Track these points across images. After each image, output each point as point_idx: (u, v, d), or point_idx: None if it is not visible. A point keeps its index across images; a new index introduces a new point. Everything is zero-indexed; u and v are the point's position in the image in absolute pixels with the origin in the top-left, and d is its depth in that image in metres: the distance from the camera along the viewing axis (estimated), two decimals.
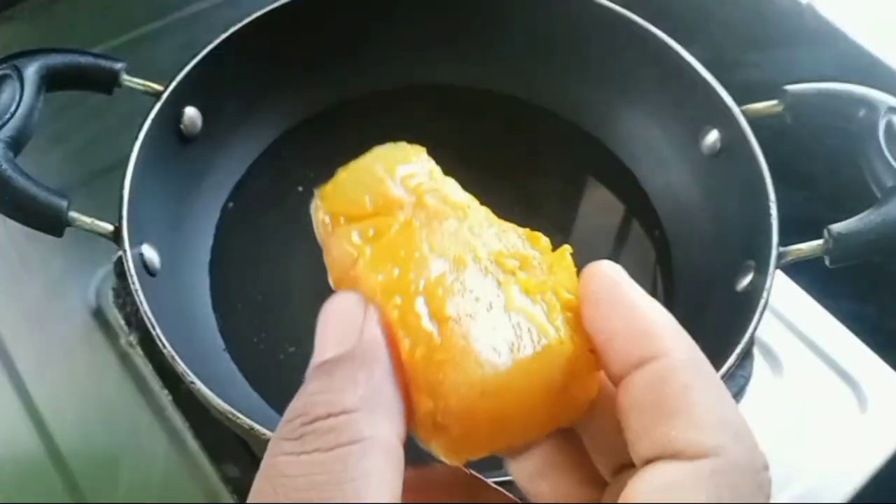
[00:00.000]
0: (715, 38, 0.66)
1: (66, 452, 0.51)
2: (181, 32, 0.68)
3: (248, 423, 0.41)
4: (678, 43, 0.53)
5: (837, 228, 0.45)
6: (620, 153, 0.59)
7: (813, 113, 0.49)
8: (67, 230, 0.45)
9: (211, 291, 0.53)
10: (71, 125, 0.62)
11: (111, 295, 0.57)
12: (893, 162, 0.46)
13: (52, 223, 0.44)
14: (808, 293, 0.59)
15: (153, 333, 0.43)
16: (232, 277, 0.54)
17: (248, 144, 0.58)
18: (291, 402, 0.21)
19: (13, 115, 0.45)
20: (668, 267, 0.56)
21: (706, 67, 0.52)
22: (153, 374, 0.54)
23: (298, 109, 0.59)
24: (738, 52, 0.67)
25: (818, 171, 0.63)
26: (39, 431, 0.52)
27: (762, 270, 0.46)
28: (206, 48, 0.51)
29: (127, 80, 0.49)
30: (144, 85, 0.50)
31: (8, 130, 0.44)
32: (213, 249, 0.55)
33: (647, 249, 0.57)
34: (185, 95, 0.51)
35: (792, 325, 0.58)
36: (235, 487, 0.51)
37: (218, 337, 0.52)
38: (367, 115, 0.59)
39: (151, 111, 0.49)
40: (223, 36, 0.52)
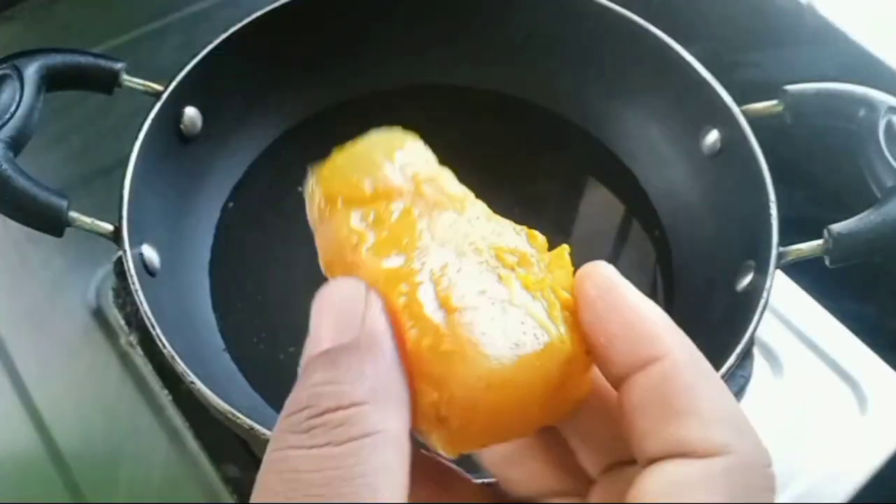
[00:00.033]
0: (715, 37, 0.66)
1: (66, 452, 0.51)
2: (181, 32, 0.68)
3: (248, 423, 0.41)
4: (678, 43, 0.53)
5: (837, 228, 0.45)
6: (620, 153, 0.59)
7: (813, 113, 0.49)
8: (67, 230, 0.45)
9: (211, 291, 0.53)
10: (71, 125, 0.62)
11: (111, 295, 0.57)
12: (893, 162, 0.46)
13: (52, 223, 0.44)
14: (808, 293, 0.59)
15: (153, 333, 0.43)
16: (232, 277, 0.54)
17: (248, 144, 0.58)
18: (293, 392, 0.20)
19: (13, 115, 0.45)
20: (668, 267, 0.56)
21: (706, 67, 0.52)
22: (153, 374, 0.54)
23: (298, 109, 0.59)
24: (738, 52, 0.67)
25: (818, 171, 0.63)
26: (39, 431, 0.52)
27: (762, 270, 0.46)
28: (206, 48, 0.51)
29: (127, 80, 0.49)
30: (144, 85, 0.50)
31: (8, 130, 0.44)
32: (213, 249, 0.55)
33: (647, 249, 0.57)
34: (185, 95, 0.51)
35: (792, 325, 0.58)
36: (235, 487, 0.51)
37: (218, 337, 0.52)
38: (367, 115, 0.59)
39: (151, 111, 0.49)
40: (223, 36, 0.52)
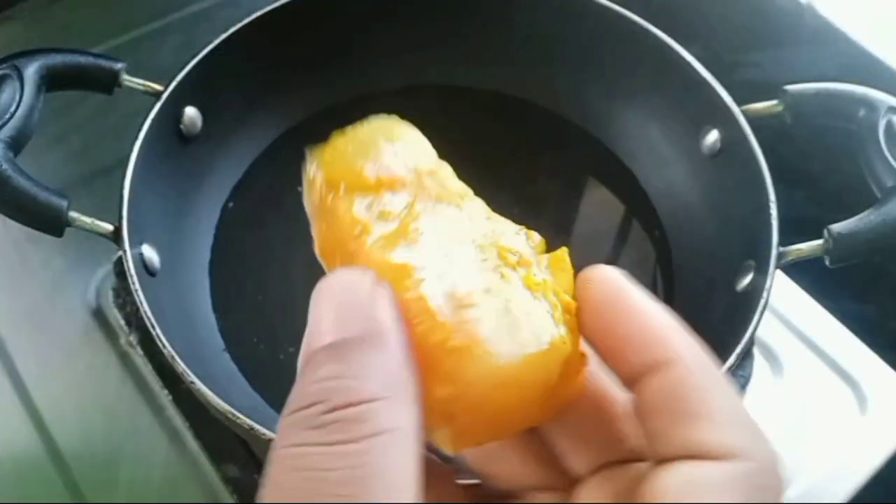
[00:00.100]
0: (715, 37, 0.66)
1: (66, 452, 0.51)
2: (181, 32, 0.68)
3: (248, 423, 0.41)
4: (678, 43, 0.53)
5: (837, 228, 0.45)
6: (620, 153, 0.59)
7: (813, 113, 0.49)
8: (67, 230, 0.45)
9: (211, 291, 0.53)
10: (71, 125, 0.62)
11: (111, 295, 0.57)
12: (893, 162, 0.46)
13: (52, 223, 0.44)
14: (808, 293, 0.59)
15: (153, 333, 0.43)
16: (232, 277, 0.54)
17: (248, 144, 0.58)
18: (298, 386, 0.19)
19: (13, 115, 0.45)
20: (668, 267, 0.56)
21: (706, 67, 0.52)
22: (153, 374, 0.54)
23: (298, 109, 0.59)
24: (738, 52, 0.67)
25: (818, 171, 0.63)
26: (39, 431, 0.52)
27: (762, 270, 0.46)
28: (206, 48, 0.51)
29: (127, 80, 0.49)
30: (144, 85, 0.50)
31: (8, 130, 0.44)
32: (213, 249, 0.55)
33: (647, 249, 0.57)
34: (185, 95, 0.51)
35: (792, 325, 0.58)
36: (235, 487, 0.51)
37: (218, 337, 0.52)
38: (367, 115, 0.58)
39: (151, 111, 0.49)
40: (223, 36, 0.52)
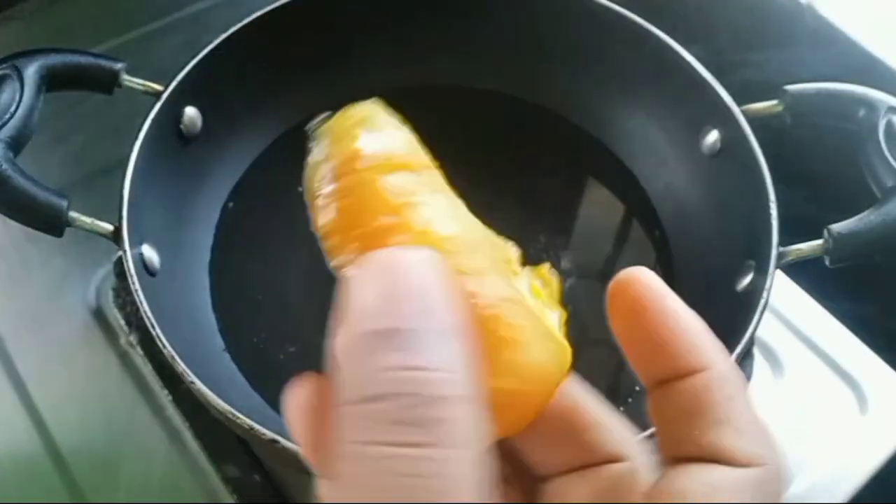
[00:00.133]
0: (715, 38, 0.66)
1: (66, 452, 0.51)
2: (181, 32, 0.68)
3: (248, 423, 0.41)
4: (678, 43, 0.53)
5: (837, 228, 0.45)
6: (620, 153, 0.59)
7: (813, 113, 0.49)
8: (67, 230, 0.45)
9: (211, 291, 0.53)
10: (71, 125, 0.62)
11: (111, 295, 0.57)
12: (893, 162, 0.46)
13: (52, 223, 0.44)
14: (808, 293, 0.59)
15: (153, 333, 0.43)
16: (232, 277, 0.54)
17: (248, 144, 0.58)
18: (355, 372, 0.17)
19: (13, 115, 0.45)
20: (668, 267, 0.56)
21: (706, 67, 0.52)
22: (153, 374, 0.54)
23: (298, 109, 0.59)
24: (738, 52, 0.67)
25: (818, 171, 0.63)
26: (39, 431, 0.52)
27: (762, 270, 0.46)
28: (206, 48, 0.51)
29: (127, 80, 0.49)
30: (144, 85, 0.50)
31: (8, 130, 0.44)
32: (213, 249, 0.55)
33: (647, 249, 0.57)
34: (185, 95, 0.51)
35: (792, 325, 0.58)
36: (235, 487, 0.51)
37: (218, 337, 0.52)
38: None
39: (151, 111, 0.49)
40: (223, 36, 0.52)
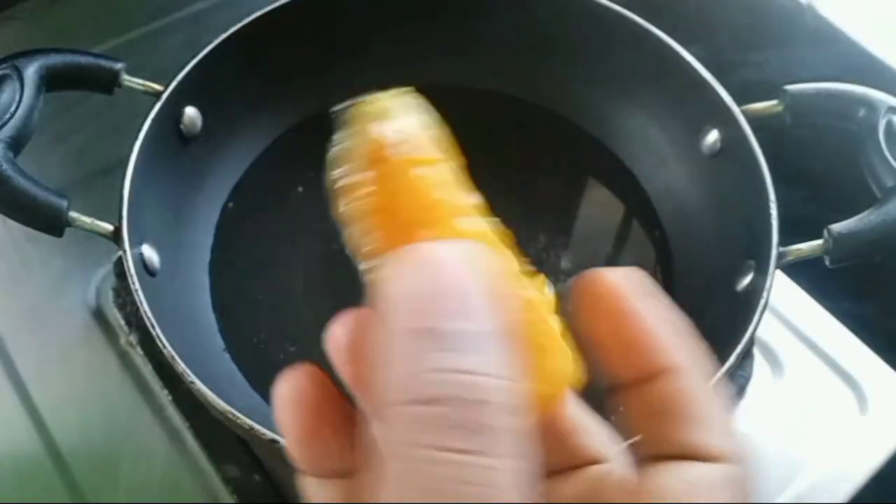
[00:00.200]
0: (715, 38, 0.66)
1: (66, 452, 0.51)
2: (181, 32, 0.68)
3: (248, 423, 0.41)
4: (678, 43, 0.53)
5: (837, 228, 0.45)
6: (620, 153, 0.59)
7: (813, 113, 0.49)
8: (67, 230, 0.45)
9: (211, 291, 0.53)
10: (71, 125, 0.62)
11: (111, 295, 0.57)
12: (893, 162, 0.46)
13: (52, 223, 0.44)
14: (808, 293, 0.59)
15: (153, 333, 0.43)
16: (232, 277, 0.54)
17: (248, 144, 0.58)
18: (403, 369, 0.16)
19: (13, 115, 0.45)
20: (668, 267, 0.56)
21: (706, 67, 0.52)
22: (153, 374, 0.54)
23: (299, 109, 0.59)
24: (738, 52, 0.67)
25: (818, 171, 0.63)
26: (39, 431, 0.52)
27: (762, 270, 0.46)
28: (206, 48, 0.51)
29: (127, 80, 0.49)
30: (144, 85, 0.50)
31: (8, 130, 0.44)
32: (213, 249, 0.55)
33: (647, 249, 0.57)
34: (185, 95, 0.51)
35: (792, 325, 0.58)
36: (235, 487, 0.51)
37: (218, 337, 0.52)
38: None
39: (151, 111, 0.49)
40: (223, 36, 0.52)
